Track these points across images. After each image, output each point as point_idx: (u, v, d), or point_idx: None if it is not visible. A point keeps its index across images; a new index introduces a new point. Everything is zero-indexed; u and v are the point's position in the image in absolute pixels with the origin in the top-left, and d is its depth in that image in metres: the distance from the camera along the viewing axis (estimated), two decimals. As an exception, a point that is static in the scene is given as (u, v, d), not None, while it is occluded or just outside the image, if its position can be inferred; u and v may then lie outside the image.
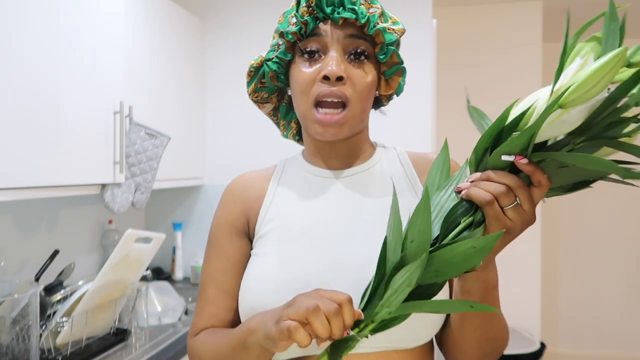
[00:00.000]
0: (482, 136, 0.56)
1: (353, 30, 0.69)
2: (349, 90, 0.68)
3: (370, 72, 0.71)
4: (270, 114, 0.82)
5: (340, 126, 0.69)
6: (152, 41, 1.91)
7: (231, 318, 0.76)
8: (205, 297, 0.78)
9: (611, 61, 0.46)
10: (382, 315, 0.55)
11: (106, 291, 1.37)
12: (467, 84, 3.01)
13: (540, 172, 0.53)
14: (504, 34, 2.99)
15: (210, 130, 2.40)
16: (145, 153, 1.77)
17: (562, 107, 0.48)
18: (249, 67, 0.76)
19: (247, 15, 2.37)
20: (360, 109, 0.70)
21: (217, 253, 0.77)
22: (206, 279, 0.78)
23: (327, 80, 0.67)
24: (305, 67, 0.70)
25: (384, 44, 0.70)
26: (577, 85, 0.47)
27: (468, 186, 0.56)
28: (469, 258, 0.52)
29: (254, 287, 0.70)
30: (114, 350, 1.39)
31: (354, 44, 0.69)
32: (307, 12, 0.69)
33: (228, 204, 0.79)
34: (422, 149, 2.21)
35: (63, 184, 1.37)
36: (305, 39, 0.70)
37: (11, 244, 1.62)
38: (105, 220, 2.10)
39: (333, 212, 0.73)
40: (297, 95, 0.71)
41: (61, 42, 1.36)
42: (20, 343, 1.12)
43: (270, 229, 0.74)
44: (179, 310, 1.83)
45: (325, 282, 0.66)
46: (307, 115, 0.70)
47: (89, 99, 1.46)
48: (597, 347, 3.61)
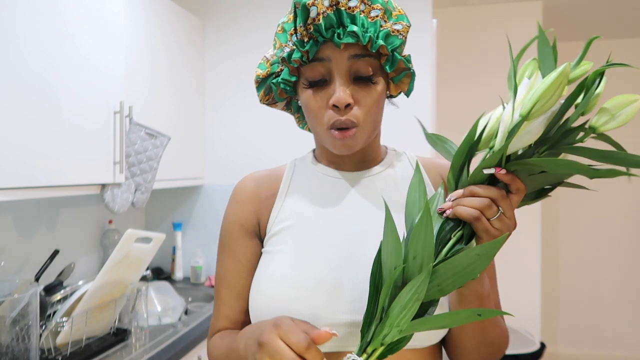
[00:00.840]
0: (456, 153, 0.60)
1: (356, 49, 0.67)
2: (356, 114, 0.68)
3: (379, 87, 0.70)
4: (284, 109, 0.82)
5: (354, 141, 0.69)
6: (152, 41, 1.91)
7: (244, 319, 0.77)
8: (220, 298, 0.79)
9: (560, 75, 0.53)
10: (393, 335, 0.55)
11: (106, 291, 1.37)
12: (466, 84, 3.02)
13: (517, 179, 0.57)
14: (504, 34, 2.99)
15: (210, 130, 2.41)
16: (145, 153, 1.77)
17: (527, 119, 0.55)
18: (255, 76, 0.76)
19: (247, 15, 2.37)
20: (371, 124, 0.70)
21: (229, 255, 0.78)
22: (219, 281, 0.79)
23: (336, 108, 0.67)
24: (312, 97, 0.70)
25: (389, 56, 0.69)
26: (537, 97, 0.54)
27: (451, 205, 0.59)
28: (473, 267, 0.54)
29: (268, 285, 0.70)
30: (114, 350, 1.39)
31: (358, 65, 0.67)
32: (307, 35, 0.67)
33: (238, 204, 0.79)
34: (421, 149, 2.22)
35: (63, 184, 1.37)
36: (308, 64, 0.69)
37: (11, 244, 1.62)
38: (105, 220, 2.10)
39: (347, 213, 0.73)
40: (310, 118, 0.72)
41: (61, 42, 1.36)
42: (20, 343, 1.12)
43: (284, 228, 0.74)
44: (179, 310, 1.83)
45: (339, 282, 0.67)
46: (321, 135, 0.71)
47: (89, 99, 1.46)
48: (597, 347, 3.61)
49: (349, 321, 0.66)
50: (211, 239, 2.38)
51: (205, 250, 2.37)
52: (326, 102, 0.68)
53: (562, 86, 0.53)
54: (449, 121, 2.98)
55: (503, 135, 0.57)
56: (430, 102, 2.19)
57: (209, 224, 2.38)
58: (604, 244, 3.63)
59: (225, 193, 2.37)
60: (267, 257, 0.74)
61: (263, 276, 0.72)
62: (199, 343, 1.58)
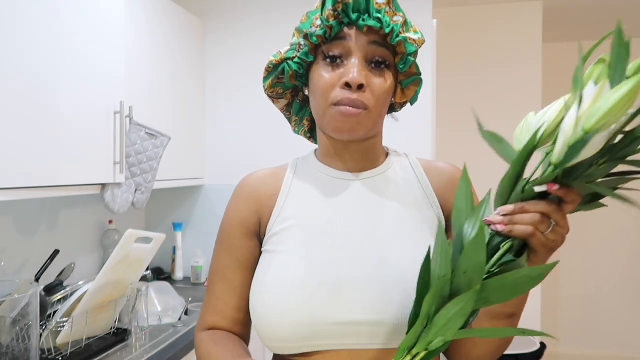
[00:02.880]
0: (513, 162, 0.56)
1: (376, 37, 0.69)
2: (367, 97, 0.68)
3: (389, 79, 0.71)
4: (283, 109, 0.83)
5: (357, 123, 0.69)
6: (152, 41, 1.91)
7: (237, 316, 0.77)
8: (213, 292, 0.79)
9: (633, 88, 0.48)
10: (437, 343, 0.56)
11: (106, 291, 1.37)
12: (466, 84, 3.02)
13: (572, 191, 0.55)
14: (504, 34, 2.99)
15: (210, 130, 2.41)
16: (145, 153, 1.77)
17: (588, 132, 0.50)
18: (267, 63, 0.76)
19: (247, 15, 2.37)
20: (377, 114, 0.71)
21: (227, 251, 0.78)
22: (215, 275, 0.79)
23: (348, 87, 0.68)
24: (327, 72, 0.70)
25: (404, 55, 0.71)
26: (604, 112, 0.49)
27: (501, 220, 0.57)
28: (522, 286, 0.54)
29: (271, 285, 0.69)
30: (114, 350, 1.39)
31: (376, 51, 0.69)
32: (333, 15, 0.69)
33: (239, 202, 0.79)
34: (421, 149, 2.22)
35: (63, 184, 1.37)
36: (329, 42, 0.70)
37: (11, 244, 1.62)
38: (105, 220, 2.10)
39: (350, 213, 0.73)
40: (316, 98, 0.72)
41: (61, 42, 1.36)
42: (20, 343, 1.12)
43: (286, 227, 0.73)
44: (179, 310, 1.83)
45: (341, 281, 0.68)
46: (325, 112, 0.71)
47: (89, 99, 1.46)
48: (597, 347, 3.61)
49: (349, 320, 0.66)
50: (211, 238, 2.38)
51: (205, 250, 2.36)
52: (338, 79, 0.69)
53: (634, 98, 0.48)
54: (449, 121, 2.98)
55: (562, 148, 0.52)
56: (430, 102, 2.19)
57: (209, 224, 2.38)
58: (605, 244, 3.63)
59: (225, 193, 2.37)
60: (268, 257, 0.74)
61: (265, 277, 0.71)
62: (199, 343, 1.58)
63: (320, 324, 0.66)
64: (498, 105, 2.97)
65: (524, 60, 2.96)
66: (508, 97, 2.97)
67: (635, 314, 3.58)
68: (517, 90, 2.96)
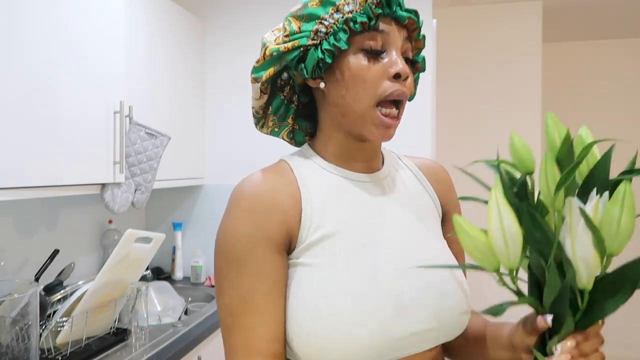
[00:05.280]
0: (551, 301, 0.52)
1: (407, 32, 0.69)
2: (409, 89, 0.68)
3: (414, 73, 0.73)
4: (262, 107, 0.74)
5: (397, 121, 0.68)
6: (152, 41, 1.91)
7: (276, 350, 0.63)
8: (243, 329, 0.63)
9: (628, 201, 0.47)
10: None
11: (106, 291, 1.37)
12: (466, 84, 3.02)
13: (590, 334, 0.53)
14: (504, 34, 2.99)
15: (210, 130, 2.41)
16: (145, 153, 1.77)
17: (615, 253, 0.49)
18: (268, 50, 0.68)
19: (247, 16, 2.37)
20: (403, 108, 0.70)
21: (252, 274, 0.63)
22: (240, 307, 0.63)
23: (397, 78, 0.66)
24: (369, 64, 0.66)
25: (420, 50, 0.72)
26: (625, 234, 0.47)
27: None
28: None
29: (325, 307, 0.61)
30: (113, 350, 1.39)
31: (407, 47, 0.69)
32: (375, 3, 0.65)
33: (257, 214, 0.64)
34: (421, 149, 2.22)
35: (63, 184, 1.37)
36: (367, 33, 0.65)
37: (11, 244, 1.62)
38: (105, 220, 2.10)
39: (378, 217, 0.70)
40: (358, 92, 0.66)
41: (61, 42, 1.36)
42: (20, 343, 1.12)
43: (324, 236, 0.65)
44: (178, 310, 1.83)
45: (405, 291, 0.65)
46: (366, 115, 0.66)
47: (89, 99, 1.46)
48: (597, 347, 3.61)
49: (417, 331, 0.64)
50: (211, 238, 2.38)
51: (205, 250, 2.36)
52: (383, 72, 0.65)
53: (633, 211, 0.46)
54: (448, 121, 2.98)
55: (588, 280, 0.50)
56: (430, 101, 2.19)
57: (209, 224, 2.38)
58: (604, 244, 3.63)
59: (225, 193, 2.37)
60: (308, 272, 0.64)
61: (312, 297, 0.62)
62: (199, 343, 1.58)
63: (391, 341, 0.62)
64: (498, 105, 2.97)
65: (523, 60, 2.96)
66: (508, 97, 2.97)
67: (635, 314, 3.58)
68: (517, 90, 2.97)
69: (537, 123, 2.93)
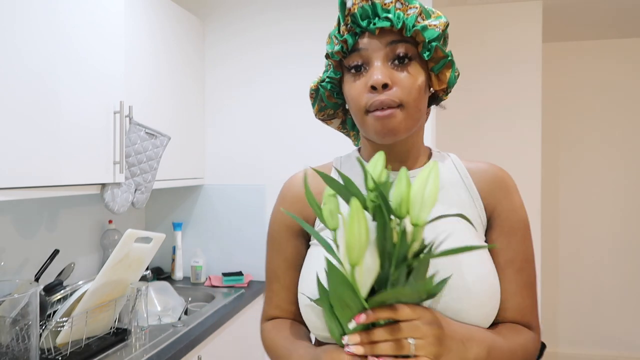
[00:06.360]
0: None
1: (392, 36, 0.70)
2: (397, 94, 0.69)
3: (418, 72, 0.71)
4: (340, 128, 0.87)
5: (396, 121, 0.69)
6: (152, 41, 1.91)
7: (294, 309, 0.82)
8: (271, 290, 0.85)
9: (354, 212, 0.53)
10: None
11: (106, 291, 1.37)
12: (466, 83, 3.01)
13: (388, 310, 0.57)
14: (504, 34, 2.99)
15: (210, 130, 2.41)
16: (145, 153, 1.77)
17: (357, 264, 0.54)
18: (309, 90, 0.83)
19: (247, 16, 2.37)
20: (413, 107, 0.70)
21: (278, 252, 0.83)
22: (270, 274, 0.85)
23: (374, 90, 0.69)
24: (353, 82, 0.73)
25: (425, 42, 0.70)
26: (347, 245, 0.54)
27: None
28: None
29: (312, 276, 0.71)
30: (113, 350, 1.39)
31: (395, 49, 0.70)
32: (347, 29, 0.72)
33: (285, 204, 0.83)
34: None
35: (63, 184, 1.37)
36: (348, 56, 0.72)
37: (11, 244, 1.62)
38: (105, 220, 2.10)
39: None
40: (352, 108, 0.74)
41: (61, 42, 1.36)
42: (20, 343, 1.12)
43: None
44: (178, 310, 1.83)
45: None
46: (363, 121, 0.72)
47: (89, 99, 1.46)
48: (597, 347, 3.61)
49: None
50: (211, 238, 2.38)
51: (205, 250, 2.37)
52: (364, 85, 0.71)
53: (363, 218, 0.53)
54: (448, 121, 2.98)
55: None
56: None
57: (209, 223, 2.38)
58: (604, 244, 3.63)
59: (225, 193, 2.37)
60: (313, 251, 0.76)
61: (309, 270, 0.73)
62: (199, 343, 1.58)
63: None
64: (498, 105, 2.97)
65: (524, 60, 2.96)
66: (508, 97, 2.97)
67: (635, 314, 3.58)
68: (517, 90, 2.96)
69: (537, 123, 2.93)
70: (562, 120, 3.66)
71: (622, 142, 3.61)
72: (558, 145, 3.67)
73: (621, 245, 3.60)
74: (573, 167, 3.67)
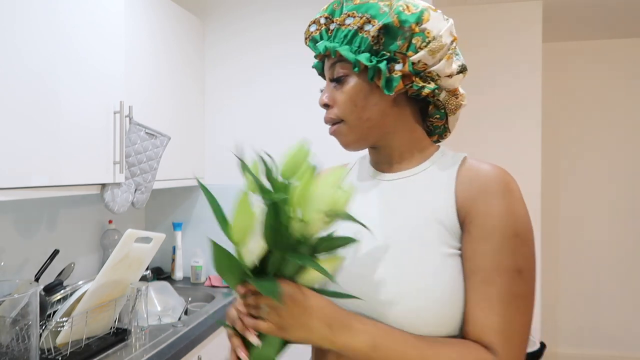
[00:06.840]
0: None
1: (332, 59, 0.76)
2: (334, 112, 0.76)
3: (354, 87, 0.74)
4: None
5: (341, 135, 0.77)
6: (152, 41, 1.91)
7: None
8: None
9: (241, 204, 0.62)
10: None
11: (106, 291, 1.37)
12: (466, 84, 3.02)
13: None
14: (504, 34, 2.99)
15: (210, 130, 2.41)
16: (145, 153, 1.77)
17: (241, 244, 0.64)
18: None
19: (247, 15, 2.37)
20: (355, 120, 0.75)
21: None
22: None
23: (325, 108, 0.78)
24: None
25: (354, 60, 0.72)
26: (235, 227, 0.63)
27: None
28: None
29: None
30: (113, 350, 1.39)
31: (333, 71, 0.76)
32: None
33: None
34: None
35: (63, 184, 1.37)
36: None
37: (11, 244, 1.62)
38: (105, 220, 2.10)
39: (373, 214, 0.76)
40: None
41: (61, 42, 1.36)
42: (20, 343, 1.12)
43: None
44: (179, 310, 1.83)
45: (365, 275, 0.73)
46: None
47: (89, 99, 1.46)
48: (597, 347, 3.61)
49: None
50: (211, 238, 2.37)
51: (205, 250, 2.37)
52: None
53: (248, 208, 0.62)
54: (449, 121, 2.98)
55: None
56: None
57: (209, 223, 2.38)
58: (604, 244, 3.63)
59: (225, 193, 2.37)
60: None
61: None
62: (199, 343, 1.58)
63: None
64: (498, 105, 2.97)
65: (523, 60, 2.96)
66: (508, 97, 2.97)
67: (635, 314, 3.58)
68: (517, 90, 2.97)
69: (537, 123, 2.93)
70: (562, 120, 3.66)
71: (622, 142, 3.61)
72: (558, 145, 3.67)
73: (621, 245, 3.60)
74: (573, 167, 3.67)
